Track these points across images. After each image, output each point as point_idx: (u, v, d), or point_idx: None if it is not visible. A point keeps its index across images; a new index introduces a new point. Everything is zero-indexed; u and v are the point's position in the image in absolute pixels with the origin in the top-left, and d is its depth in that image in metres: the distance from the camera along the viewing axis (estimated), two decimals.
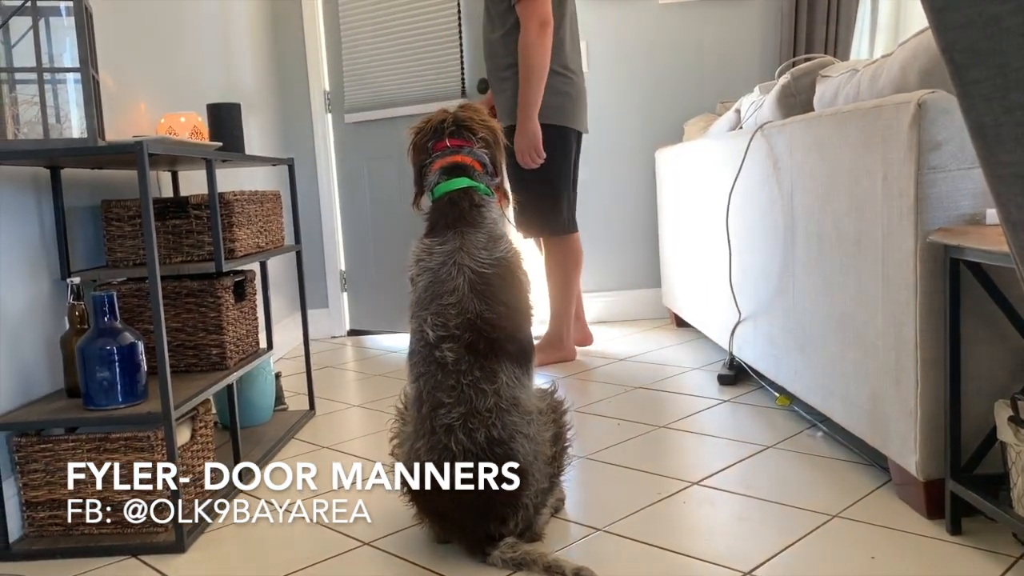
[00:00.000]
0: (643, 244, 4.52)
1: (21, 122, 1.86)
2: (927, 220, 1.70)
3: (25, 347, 2.05)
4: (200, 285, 2.32)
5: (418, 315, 1.79)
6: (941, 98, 1.68)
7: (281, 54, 4.51)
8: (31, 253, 2.10)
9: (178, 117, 2.54)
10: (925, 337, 1.72)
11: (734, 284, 2.95)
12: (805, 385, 2.39)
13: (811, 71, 2.55)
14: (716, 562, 1.69)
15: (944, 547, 1.69)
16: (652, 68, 4.49)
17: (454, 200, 1.87)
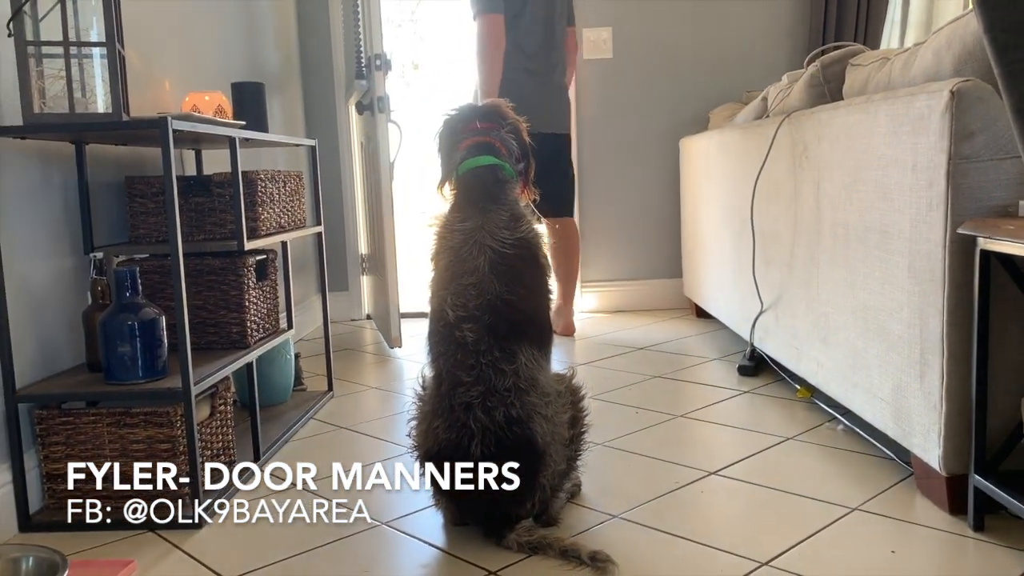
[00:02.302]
0: (665, 233, 4.49)
1: (47, 96, 1.87)
2: (957, 211, 1.67)
3: (48, 321, 2.07)
4: (222, 263, 2.32)
5: (438, 294, 1.79)
6: (976, 87, 1.65)
7: (305, 35, 4.51)
8: (55, 228, 2.11)
9: (203, 95, 2.54)
10: (952, 331, 1.70)
11: (757, 274, 2.92)
12: (827, 377, 2.37)
13: (841, 59, 2.51)
14: (733, 552, 1.68)
15: (966, 543, 1.67)
16: (678, 56, 4.45)
17: (479, 175, 1.89)
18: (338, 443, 2.53)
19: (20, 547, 1.64)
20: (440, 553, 1.76)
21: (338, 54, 4.50)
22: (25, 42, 1.81)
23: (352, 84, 3.95)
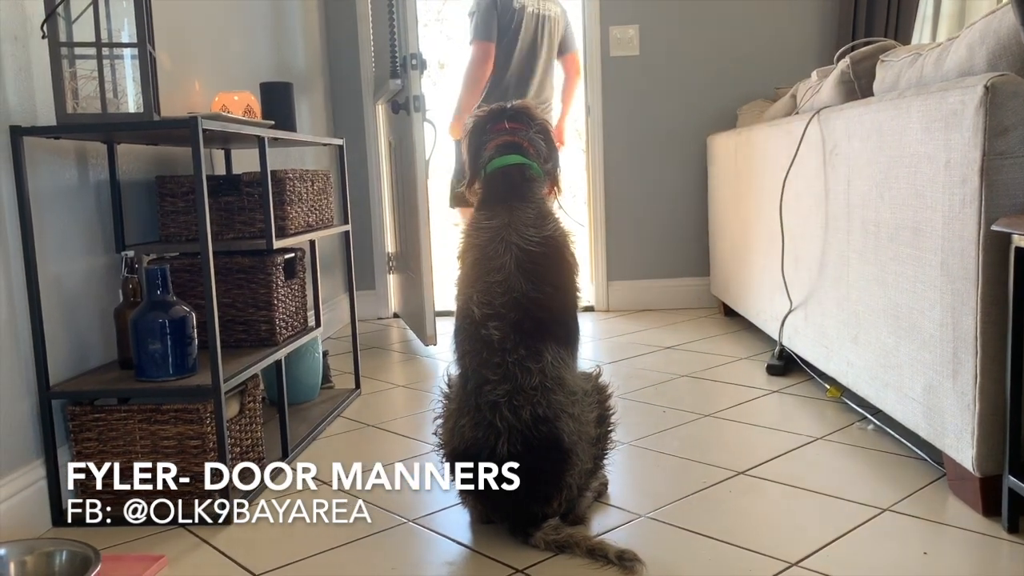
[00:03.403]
0: (692, 232, 4.46)
1: (80, 97, 1.89)
2: (991, 208, 1.64)
3: (80, 318, 2.09)
4: (251, 262, 2.34)
5: (464, 292, 1.79)
6: (1011, 81, 1.62)
7: (332, 36, 4.53)
8: (87, 227, 2.14)
9: (232, 95, 2.56)
10: (986, 329, 1.67)
11: (786, 273, 2.90)
12: (857, 376, 2.34)
13: (872, 55, 2.48)
14: (762, 552, 1.66)
15: (1000, 544, 1.65)
16: (706, 52, 4.42)
17: (506, 173, 1.89)
18: (366, 441, 2.54)
19: (53, 541, 1.67)
20: (467, 551, 1.76)
21: (365, 54, 4.51)
22: (58, 43, 1.83)
23: (383, 84, 3.97)
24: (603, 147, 4.48)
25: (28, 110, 1.93)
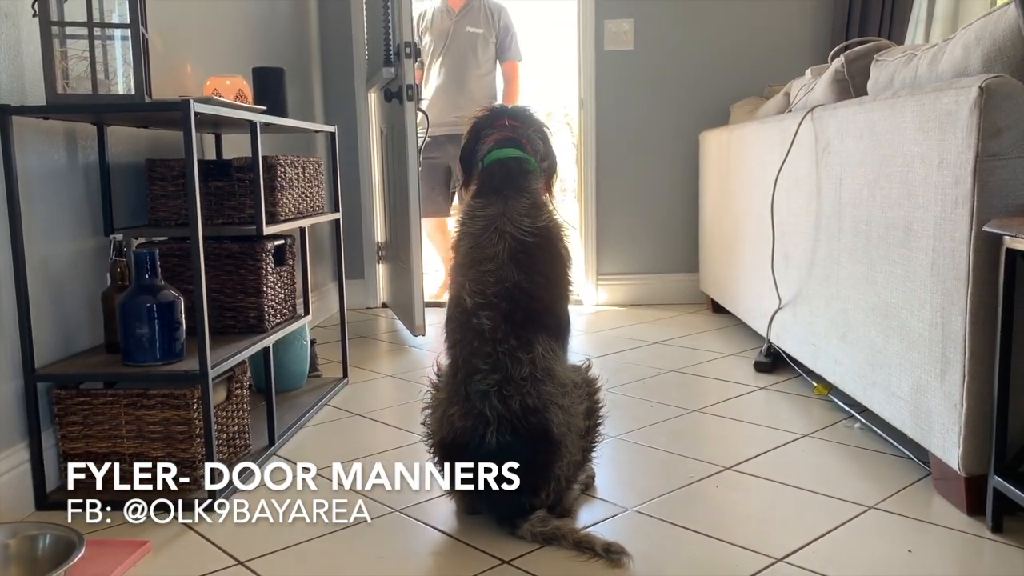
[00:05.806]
0: (682, 228, 4.47)
1: (70, 77, 1.87)
2: (984, 209, 1.64)
3: (68, 301, 2.07)
4: (240, 247, 2.32)
5: (457, 280, 1.79)
6: (1005, 83, 1.63)
7: (325, 23, 4.50)
8: (76, 209, 2.12)
9: (223, 80, 2.54)
10: (975, 330, 1.68)
11: (775, 270, 2.90)
12: (845, 375, 2.35)
13: (866, 55, 2.48)
14: (748, 547, 1.67)
15: (984, 544, 1.66)
16: (700, 48, 4.41)
17: (504, 163, 1.89)
18: (353, 430, 2.53)
19: (37, 525, 1.66)
20: (453, 541, 1.76)
21: (358, 42, 4.49)
22: (49, 22, 1.81)
23: (375, 72, 3.95)
24: (595, 141, 4.47)
25: (17, 90, 1.91)
